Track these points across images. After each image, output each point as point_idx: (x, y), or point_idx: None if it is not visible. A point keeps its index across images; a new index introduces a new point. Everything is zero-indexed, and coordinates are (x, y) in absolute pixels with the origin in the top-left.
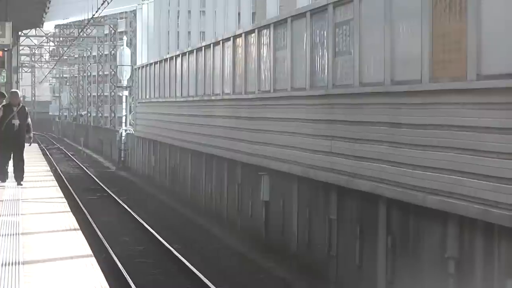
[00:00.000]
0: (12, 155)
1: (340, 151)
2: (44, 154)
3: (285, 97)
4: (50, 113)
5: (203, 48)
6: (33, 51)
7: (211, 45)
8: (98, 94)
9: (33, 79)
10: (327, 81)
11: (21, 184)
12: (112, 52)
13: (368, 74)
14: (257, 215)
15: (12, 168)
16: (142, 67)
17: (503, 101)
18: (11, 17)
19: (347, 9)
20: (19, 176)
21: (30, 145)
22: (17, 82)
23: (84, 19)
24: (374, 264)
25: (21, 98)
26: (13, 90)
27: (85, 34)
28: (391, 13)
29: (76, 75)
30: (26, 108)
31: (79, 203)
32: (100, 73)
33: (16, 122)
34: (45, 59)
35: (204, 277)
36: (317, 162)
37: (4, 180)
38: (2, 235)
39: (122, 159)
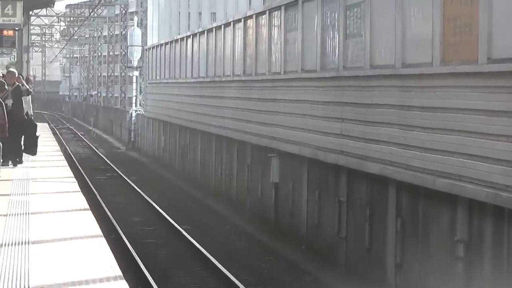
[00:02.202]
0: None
1: (350, 133)
2: (54, 134)
3: (296, 79)
4: (60, 93)
5: (213, 29)
6: (44, 31)
7: (222, 26)
8: (108, 74)
9: (43, 59)
10: (338, 63)
11: (16, 165)
12: (123, 32)
13: (378, 57)
14: (266, 197)
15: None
16: (153, 47)
17: None
18: None
19: None
20: (15, 156)
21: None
22: (28, 61)
23: None
24: (383, 246)
25: (32, 77)
26: (9, 69)
27: (95, 14)
28: None
29: (87, 55)
30: (23, 87)
31: (89, 183)
32: (111, 53)
33: (9, 102)
34: (55, 39)
35: (213, 257)
36: (327, 144)
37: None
38: (12, 214)
39: (132, 139)
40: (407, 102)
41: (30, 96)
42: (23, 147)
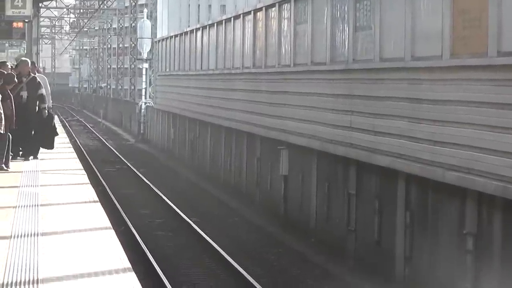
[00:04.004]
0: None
1: (359, 126)
2: (64, 126)
3: (305, 72)
4: (70, 85)
5: (223, 21)
6: (54, 22)
7: (232, 18)
8: (118, 66)
9: (53, 51)
10: (347, 56)
11: (28, 160)
12: (133, 24)
13: (388, 50)
14: (276, 190)
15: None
16: (162, 40)
17: None
18: None
19: None
20: (27, 151)
21: (44, 116)
22: (37, 53)
23: None
24: (392, 239)
25: (42, 69)
26: (21, 58)
27: (105, 6)
28: None
29: (96, 47)
30: (38, 78)
31: (98, 175)
32: (120, 45)
33: (24, 94)
34: (65, 31)
35: (222, 250)
36: (336, 136)
37: (28, 159)
38: (21, 206)
39: (141, 131)
40: (416, 95)
41: (49, 87)
42: (41, 141)
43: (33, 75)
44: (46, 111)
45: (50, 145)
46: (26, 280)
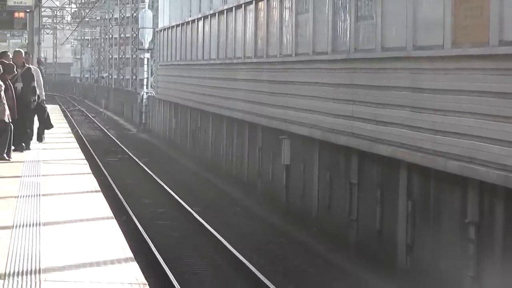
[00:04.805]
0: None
1: (361, 115)
2: (65, 116)
3: (307, 61)
4: (72, 75)
5: (225, 11)
6: (55, 13)
7: (233, 8)
8: (120, 56)
9: (54, 41)
10: (349, 46)
11: (22, 151)
12: (134, 14)
13: (390, 39)
14: (277, 179)
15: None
16: (164, 29)
17: None
18: None
19: None
20: (19, 142)
21: (33, 107)
22: (39, 43)
23: None
24: (394, 228)
25: (43, 59)
26: (16, 49)
27: None
28: None
29: (98, 37)
30: (33, 69)
31: (100, 165)
32: (122, 35)
33: (19, 85)
34: (67, 21)
35: (224, 239)
36: (338, 126)
37: (22, 150)
38: (23, 196)
39: (143, 121)
40: (418, 84)
41: (42, 79)
42: (34, 133)
43: (27, 66)
44: (35, 103)
45: (39, 138)
46: (28, 269)
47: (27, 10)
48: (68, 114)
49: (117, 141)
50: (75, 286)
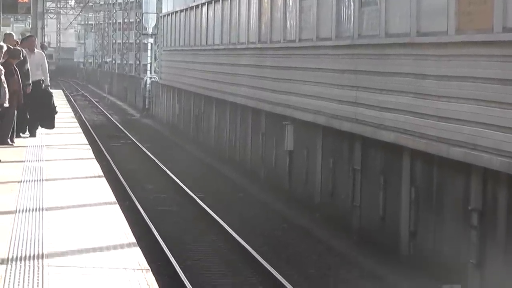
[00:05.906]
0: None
1: (365, 101)
2: (69, 101)
3: (311, 47)
4: (75, 60)
5: None
6: None
7: None
8: (123, 41)
9: (58, 26)
10: (353, 31)
11: (20, 136)
12: None
13: (393, 25)
14: (281, 165)
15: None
16: (168, 14)
17: None
18: None
19: None
20: (21, 128)
21: (28, 92)
22: (42, 28)
23: None
24: (397, 215)
25: (47, 44)
26: (7, 32)
27: None
28: None
29: (102, 22)
30: (24, 51)
31: (103, 150)
32: (126, 20)
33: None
34: (70, 5)
35: (227, 225)
36: (341, 112)
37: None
38: (26, 181)
39: (146, 106)
40: (422, 70)
41: (46, 63)
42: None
43: (19, 48)
44: (30, 88)
45: (50, 125)
46: (31, 254)
47: None
48: (72, 99)
49: (120, 126)
50: (78, 271)
